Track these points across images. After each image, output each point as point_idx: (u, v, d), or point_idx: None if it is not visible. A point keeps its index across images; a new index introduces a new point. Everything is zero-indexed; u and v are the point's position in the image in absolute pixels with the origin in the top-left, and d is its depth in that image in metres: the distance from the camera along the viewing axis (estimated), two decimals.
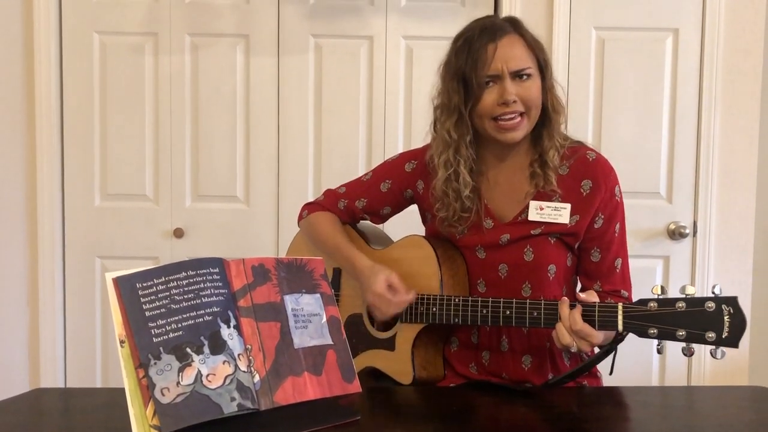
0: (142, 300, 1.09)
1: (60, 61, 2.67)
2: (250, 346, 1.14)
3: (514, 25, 1.47)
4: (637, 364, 2.63)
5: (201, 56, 2.68)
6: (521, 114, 1.43)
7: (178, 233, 2.70)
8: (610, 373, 1.36)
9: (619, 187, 1.50)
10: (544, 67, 1.47)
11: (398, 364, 1.51)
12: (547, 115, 1.47)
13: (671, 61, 2.63)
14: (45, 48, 2.62)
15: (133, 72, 2.68)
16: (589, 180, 1.46)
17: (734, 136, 2.63)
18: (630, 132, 2.63)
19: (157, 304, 1.10)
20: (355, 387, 1.22)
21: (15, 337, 2.71)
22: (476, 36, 1.45)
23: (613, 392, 1.41)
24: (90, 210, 2.72)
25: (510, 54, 1.42)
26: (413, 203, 1.65)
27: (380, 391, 1.48)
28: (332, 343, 1.22)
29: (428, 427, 1.22)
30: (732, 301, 1.16)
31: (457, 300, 1.43)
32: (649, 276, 2.65)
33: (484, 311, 1.39)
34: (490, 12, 2.65)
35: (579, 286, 1.56)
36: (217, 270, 1.16)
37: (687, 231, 2.64)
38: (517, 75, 1.42)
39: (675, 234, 2.65)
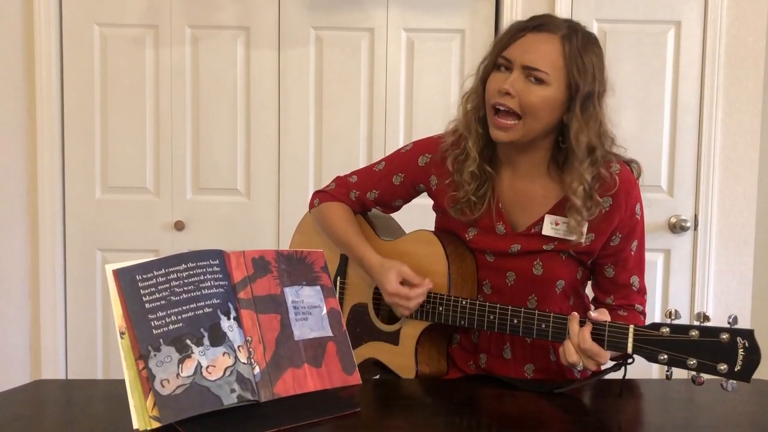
0: (142, 292, 1.09)
1: (60, 54, 2.66)
2: (250, 338, 1.14)
3: (567, 30, 1.34)
4: (637, 357, 2.63)
5: (201, 49, 2.67)
6: (517, 116, 1.34)
7: (179, 226, 2.70)
8: (619, 394, 1.33)
9: (641, 204, 1.42)
10: (574, 90, 1.33)
11: (401, 358, 1.51)
12: (569, 144, 1.36)
13: (673, 53, 2.62)
14: (45, 40, 2.61)
15: (133, 64, 2.67)
16: (610, 198, 1.39)
17: (736, 129, 2.62)
18: (631, 125, 2.62)
19: (157, 296, 1.10)
20: (355, 379, 1.22)
21: (16, 329, 2.72)
22: (525, 21, 1.39)
23: (614, 384, 1.41)
24: (91, 202, 2.72)
25: (533, 48, 1.33)
26: (424, 192, 1.62)
27: (381, 383, 1.49)
28: (332, 335, 1.23)
29: (429, 419, 1.22)
30: (747, 334, 1.12)
31: (464, 302, 1.40)
32: (650, 270, 2.64)
33: (491, 317, 1.36)
34: (492, 5, 2.65)
35: (591, 295, 1.54)
36: (217, 262, 1.16)
37: (688, 224, 2.64)
38: (529, 73, 1.32)
39: (676, 227, 2.65)
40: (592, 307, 1.44)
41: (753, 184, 2.64)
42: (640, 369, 2.74)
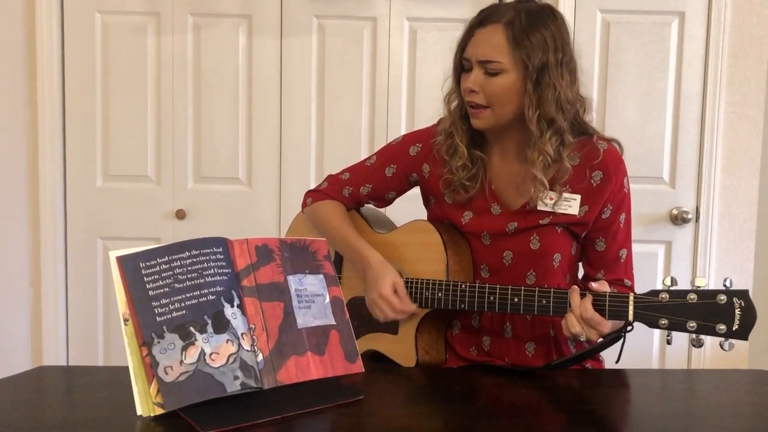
0: (146, 279, 1.10)
1: (62, 41, 2.65)
2: (253, 326, 1.14)
3: (511, 15, 1.37)
4: (638, 348, 2.63)
5: (203, 37, 2.66)
6: (485, 107, 1.40)
7: (180, 215, 2.70)
8: (617, 362, 1.36)
9: (628, 179, 1.48)
10: (533, 71, 1.35)
11: (401, 347, 1.51)
12: (534, 122, 1.38)
13: (677, 44, 2.61)
14: (47, 28, 2.60)
15: (135, 52, 2.67)
16: (600, 171, 1.43)
17: (738, 121, 2.62)
18: (634, 116, 2.62)
19: (161, 283, 1.10)
20: (358, 367, 1.22)
21: (17, 317, 2.72)
22: (474, 17, 1.45)
23: (615, 374, 1.41)
24: (92, 191, 2.72)
25: (482, 42, 1.39)
26: (416, 186, 1.63)
27: (383, 371, 1.49)
28: (335, 323, 1.23)
29: (431, 407, 1.23)
30: (743, 295, 1.16)
31: (463, 286, 1.41)
32: (651, 261, 2.65)
33: (491, 298, 1.38)
34: None
35: (581, 273, 1.55)
36: (220, 249, 1.16)
37: (689, 216, 2.64)
38: (485, 67, 1.38)
39: (677, 219, 2.65)
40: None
41: (755, 176, 2.64)
42: (639, 361, 2.75)
